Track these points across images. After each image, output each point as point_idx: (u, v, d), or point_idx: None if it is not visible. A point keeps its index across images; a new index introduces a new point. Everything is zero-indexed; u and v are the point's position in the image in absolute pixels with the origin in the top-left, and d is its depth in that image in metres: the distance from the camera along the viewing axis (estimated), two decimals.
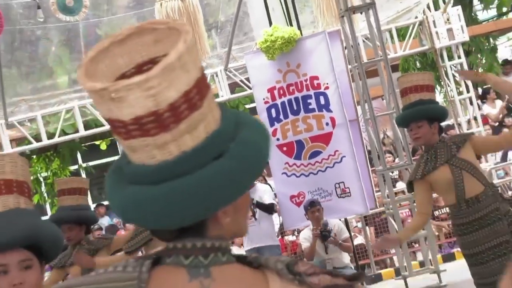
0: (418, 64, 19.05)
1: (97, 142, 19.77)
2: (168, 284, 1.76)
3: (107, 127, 13.91)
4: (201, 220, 1.75)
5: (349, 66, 11.64)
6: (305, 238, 11.39)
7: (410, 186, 6.84)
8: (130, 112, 1.66)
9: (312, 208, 11.02)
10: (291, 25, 12.08)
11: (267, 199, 11.61)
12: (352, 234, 12.69)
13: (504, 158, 15.20)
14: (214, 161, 1.69)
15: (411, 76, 7.22)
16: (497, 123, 18.08)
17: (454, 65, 15.57)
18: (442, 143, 6.52)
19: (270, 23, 12.23)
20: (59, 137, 14.04)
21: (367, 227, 13.51)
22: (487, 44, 20.06)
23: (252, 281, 1.80)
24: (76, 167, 19.71)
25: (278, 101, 11.79)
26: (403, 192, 12.84)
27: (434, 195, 13.02)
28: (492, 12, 23.55)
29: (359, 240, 13.78)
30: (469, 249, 6.52)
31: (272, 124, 11.81)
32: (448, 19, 15.50)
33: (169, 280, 1.77)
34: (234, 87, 15.03)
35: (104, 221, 16.74)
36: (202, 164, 1.68)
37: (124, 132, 1.70)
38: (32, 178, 13.99)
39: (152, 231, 1.83)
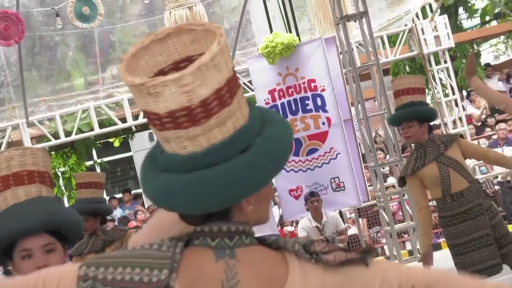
0: (407, 69, 19.03)
1: (110, 140, 19.79)
2: (197, 264, 1.78)
3: (120, 125, 13.97)
4: (227, 207, 1.77)
5: (344, 70, 11.64)
6: (303, 228, 11.42)
7: (402, 181, 6.84)
8: (165, 106, 1.67)
9: (312, 198, 11.11)
10: (290, 32, 12.08)
11: None
12: (346, 225, 12.68)
13: None
14: (241, 154, 1.71)
15: (403, 79, 7.20)
16: (479, 123, 18.09)
17: (441, 69, 15.60)
18: (431, 142, 6.53)
19: (271, 30, 12.25)
20: (75, 135, 14.01)
21: (360, 219, 13.51)
22: (471, 50, 20.04)
23: (273, 262, 1.82)
24: (91, 162, 19.75)
25: (278, 102, 11.79)
26: (393, 186, 12.84)
27: None
28: (476, 20, 23.60)
29: (352, 230, 13.76)
30: (453, 239, 6.52)
31: None
32: (435, 27, 15.53)
33: (198, 261, 1.78)
34: None
35: (117, 213, 16.75)
36: (229, 157, 1.70)
37: (158, 124, 1.72)
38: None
39: (181, 215, 1.84)
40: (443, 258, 11.94)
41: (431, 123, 6.83)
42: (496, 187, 14.49)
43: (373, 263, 1.88)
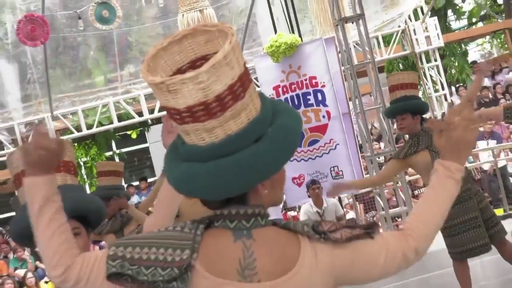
0: (400, 66, 18.98)
1: (128, 132, 19.76)
2: (216, 245, 1.80)
3: (137, 119, 13.98)
4: (243, 192, 1.79)
5: (342, 68, 11.62)
6: (305, 212, 11.40)
7: None
8: (184, 102, 1.70)
9: (313, 186, 11.06)
10: (293, 32, 12.07)
11: None
12: (345, 210, 12.67)
13: None
14: (254, 143, 1.73)
15: (398, 75, 7.16)
16: None
17: (431, 67, 15.61)
18: (424, 132, 6.52)
19: (275, 31, 12.23)
20: (96, 127, 14.07)
21: (357, 204, 13.49)
22: (459, 49, 20.02)
23: (286, 242, 1.84)
24: (111, 153, 19.74)
25: (282, 97, 11.74)
26: None
27: (413, 177, 13.05)
28: (464, 22, 23.59)
29: (350, 215, 13.74)
30: (444, 222, 6.48)
31: None
32: (426, 28, 15.53)
33: (217, 241, 1.81)
34: None
35: (134, 199, 16.76)
36: (243, 146, 1.72)
37: (178, 119, 1.74)
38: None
39: (202, 201, 1.85)
40: (434, 239, 11.88)
41: (423, 116, 6.82)
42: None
43: (377, 236, 1.92)
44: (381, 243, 1.93)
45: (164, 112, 1.85)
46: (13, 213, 18.76)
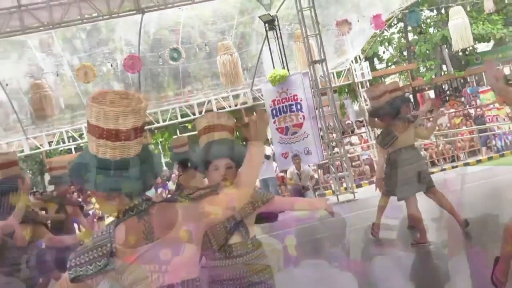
0: (346, 90, 18.86)
1: (186, 124, 19.75)
2: (126, 228, 1.71)
3: (192, 117, 13.94)
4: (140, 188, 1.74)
5: (312, 90, 11.60)
6: (290, 172, 11.45)
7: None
8: (127, 125, 1.64)
9: (295, 158, 11.13)
10: (284, 68, 12.04)
11: (266, 152, 11.87)
12: (312, 173, 12.63)
13: None
14: (141, 164, 1.69)
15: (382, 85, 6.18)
16: None
17: (364, 91, 15.54)
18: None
19: (274, 67, 12.21)
20: (168, 121, 14.04)
21: (319, 170, 13.48)
22: (380, 80, 19.92)
23: (169, 210, 1.77)
24: (176, 137, 19.60)
25: (277, 106, 11.78)
26: (337, 153, 12.78)
27: (352, 155, 12.87)
28: (383, 65, 23.53)
29: (314, 176, 13.70)
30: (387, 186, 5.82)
31: (274, 117, 11.80)
32: (361, 68, 15.44)
33: (126, 226, 1.72)
34: (255, 99, 14.97)
35: None
36: (137, 164, 1.67)
37: (114, 137, 1.64)
38: (152, 141, 14.11)
39: (118, 196, 1.75)
40: (364, 192, 11.87)
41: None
42: None
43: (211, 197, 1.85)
44: (217, 201, 1.84)
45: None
46: None
